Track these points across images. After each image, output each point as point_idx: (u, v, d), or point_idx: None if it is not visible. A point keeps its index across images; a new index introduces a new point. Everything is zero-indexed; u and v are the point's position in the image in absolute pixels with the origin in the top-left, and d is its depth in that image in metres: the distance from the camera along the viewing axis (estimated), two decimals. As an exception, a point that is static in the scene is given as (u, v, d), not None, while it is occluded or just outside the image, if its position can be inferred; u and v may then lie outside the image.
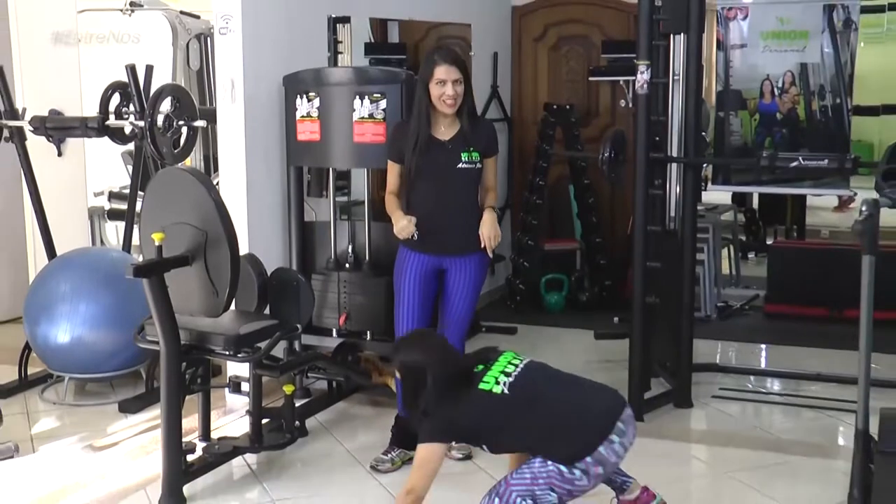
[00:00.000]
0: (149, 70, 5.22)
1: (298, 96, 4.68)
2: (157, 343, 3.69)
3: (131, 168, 5.51)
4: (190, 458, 3.79)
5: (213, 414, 4.22)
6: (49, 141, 5.36)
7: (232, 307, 3.88)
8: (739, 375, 5.29)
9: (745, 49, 5.72)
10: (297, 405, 4.32)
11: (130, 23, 6.44)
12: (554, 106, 6.90)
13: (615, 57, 6.64)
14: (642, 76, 4.48)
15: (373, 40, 5.99)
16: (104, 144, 5.48)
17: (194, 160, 6.29)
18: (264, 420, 4.09)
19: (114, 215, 6.33)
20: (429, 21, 6.34)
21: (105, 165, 6.30)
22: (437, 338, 3.61)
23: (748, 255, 8.20)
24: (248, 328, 3.86)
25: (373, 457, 4.05)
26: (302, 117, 4.68)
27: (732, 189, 7.13)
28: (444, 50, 4.09)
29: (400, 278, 4.02)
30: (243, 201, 4.72)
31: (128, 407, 4.75)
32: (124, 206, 5.56)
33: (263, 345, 3.91)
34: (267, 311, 4.10)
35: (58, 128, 5.27)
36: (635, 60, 4.51)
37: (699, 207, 5.24)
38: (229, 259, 3.60)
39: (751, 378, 5.27)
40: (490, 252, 3.97)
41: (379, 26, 6.07)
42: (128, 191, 5.55)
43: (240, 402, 4.48)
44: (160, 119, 4.96)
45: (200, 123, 5.14)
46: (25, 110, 5.30)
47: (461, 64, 3.93)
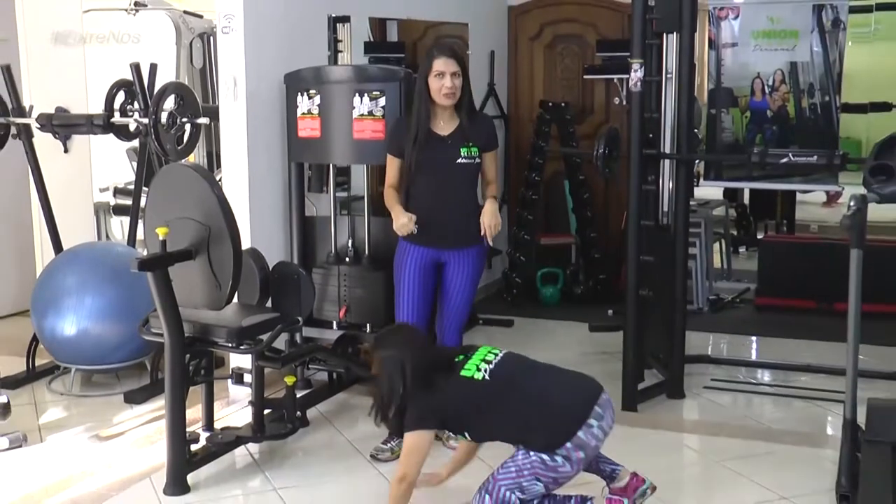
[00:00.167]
0: (153, 68, 5.22)
1: (299, 94, 4.69)
2: (162, 335, 3.71)
3: (136, 164, 5.49)
4: (194, 448, 3.81)
5: (217, 404, 4.23)
6: (55, 138, 5.36)
7: (234, 300, 3.90)
8: (730, 366, 5.31)
9: (737, 48, 5.68)
10: (299, 396, 4.33)
11: (135, 22, 6.42)
12: (549, 103, 6.90)
13: (609, 55, 6.60)
14: (636, 74, 4.50)
15: (372, 39, 5.98)
16: (109, 141, 5.47)
17: (197, 157, 6.30)
18: (266, 410, 4.10)
19: (119, 210, 6.33)
20: (427, 20, 6.34)
21: (110, 162, 6.30)
22: (416, 332, 3.63)
23: (739, 250, 8.19)
24: (251, 321, 3.88)
25: (372, 446, 4.06)
26: (303, 114, 4.69)
27: (724, 185, 7.07)
28: (443, 45, 4.12)
29: (400, 271, 4.04)
30: (245, 197, 4.73)
31: (133, 397, 4.77)
32: (129, 202, 5.56)
33: (265, 337, 3.92)
34: (269, 304, 4.12)
35: (64, 125, 5.27)
36: (629, 59, 4.52)
37: (691, 203, 5.24)
38: (232, 253, 3.61)
39: (741, 369, 5.29)
40: (489, 240, 3.96)
41: (378, 26, 6.06)
42: (132, 186, 5.55)
43: (242, 393, 4.49)
44: (164, 116, 4.97)
45: (203, 121, 5.16)
46: (32, 108, 5.32)
47: (459, 57, 3.95)
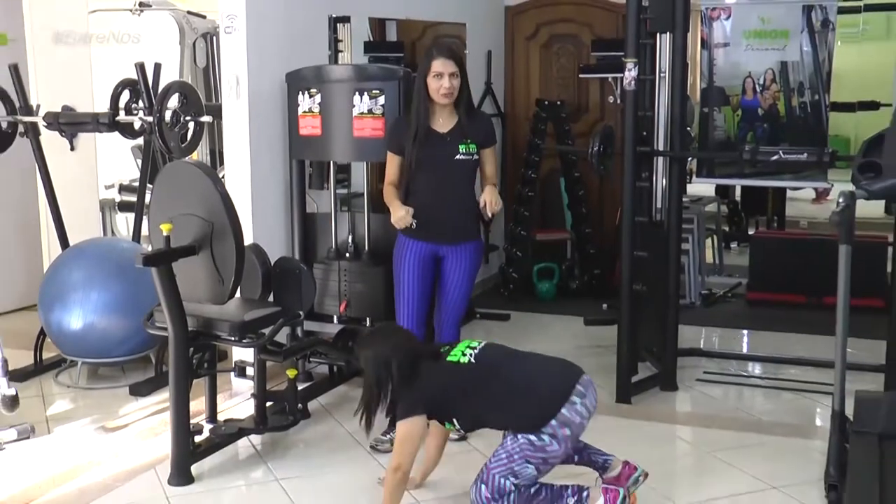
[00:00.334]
0: (157, 68, 5.24)
1: (300, 92, 4.73)
2: (166, 329, 3.74)
3: (140, 162, 5.52)
4: (197, 439, 3.84)
5: (220, 397, 4.28)
6: (62, 136, 5.37)
7: (237, 295, 3.94)
8: (722, 360, 5.35)
9: (728, 48, 5.72)
10: (300, 388, 4.36)
11: (139, 22, 6.44)
12: (545, 102, 6.94)
13: (604, 55, 6.61)
14: (630, 73, 4.52)
15: (371, 39, 6.01)
16: (115, 139, 5.51)
17: (201, 154, 6.32)
18: (268, 403, 4.14)
19: (124, 207, 6.37)
20: (425, 20, 6.36)
21: (115, 159, 6.35)
22: (399, 329, 3.69)
23: (731, 245, 8.18)
24: (253, 315, 3.91)
25: (372, 437, 4.04)
26: (304, 113, 4.73)
27: (716, 182, 7.12)
28: (441, 45, 4.15)
29: (399, 265, 4.09)
30: (248, 193, 4.77)
31: (138, 390, 4.79)
32: (134, 199, 5.58)
33: (267, 331, 3.96)
34: (270, 299, 4.14)
35: (70, 123, 5.28)
36: (623, 58, 4.55)
37: (684, 199, 5.26)
38: (234, 249, 3.64)
39: (733, 362, 5.32)
40: (490, 213, 3.96)
41: (377, 25, 6.10)
42: (137, 183, 5.58)
43: (245, 386, 4.53)
44: (168, 115, 5.00)
45: (207, 119, 5.18)
46: (39, 107, 5.34)
47: (457, 58, 3.99)
